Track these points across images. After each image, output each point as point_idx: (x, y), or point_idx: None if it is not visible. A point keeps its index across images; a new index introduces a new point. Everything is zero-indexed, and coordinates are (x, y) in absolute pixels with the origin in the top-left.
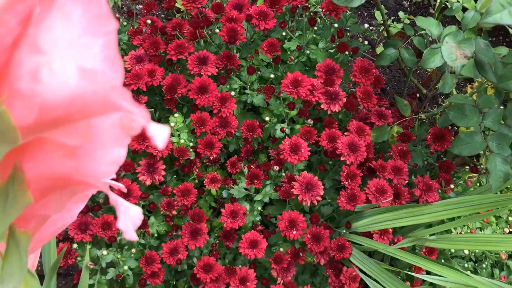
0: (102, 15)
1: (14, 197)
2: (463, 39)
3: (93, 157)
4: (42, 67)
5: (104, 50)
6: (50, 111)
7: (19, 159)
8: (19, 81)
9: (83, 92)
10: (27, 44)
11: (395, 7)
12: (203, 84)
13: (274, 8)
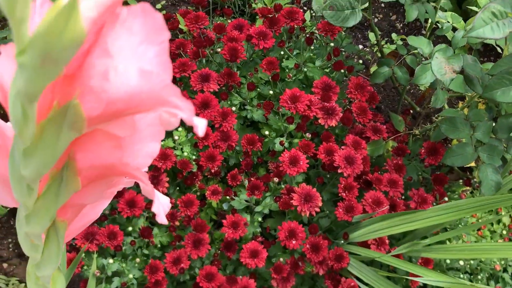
0: (157, 28)
1: (66, 183)
2: (452, 55)
3: (134, 150)
4: (110, 69)
5: (158, 56)
6: (114, 105)
7: (73, 150)
8: (91, 79)
9: (141, 89)
10: (99, 50)
11: (388, 29)
12: (205, 100)
13: (272, 28)
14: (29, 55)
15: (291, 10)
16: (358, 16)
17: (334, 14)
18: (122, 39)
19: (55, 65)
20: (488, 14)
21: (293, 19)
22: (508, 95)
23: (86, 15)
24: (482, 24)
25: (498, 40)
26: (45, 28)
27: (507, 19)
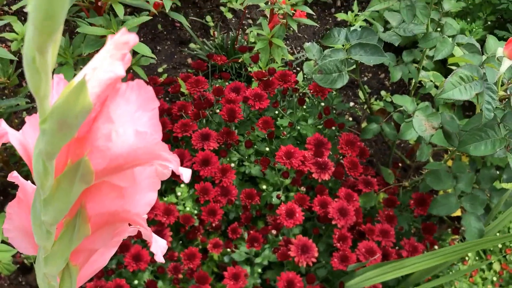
0: (149, 98)
1: (79, 228)
2: (431, 113)
3: (134, 199)
4: (113, 131)
5: (150, 120)
6: (116, 160)
7: (84, 200)
8: (97, 140)
9: (138, 146)
10: (104, 117)
11: (378, 86)
12: (206, 157)
13: (267, 90)
14: (49, 122)
15: (284, 73)
16: (345, 79)
17: (323, 77)
18: (121, 107)
19: (70, 130)
20: (456, 78)
21: (286, 81)
22: (479, 149)
23: (92, 91)
24: (452, 87)
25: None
26: (62, 102)
27: (473, 82)
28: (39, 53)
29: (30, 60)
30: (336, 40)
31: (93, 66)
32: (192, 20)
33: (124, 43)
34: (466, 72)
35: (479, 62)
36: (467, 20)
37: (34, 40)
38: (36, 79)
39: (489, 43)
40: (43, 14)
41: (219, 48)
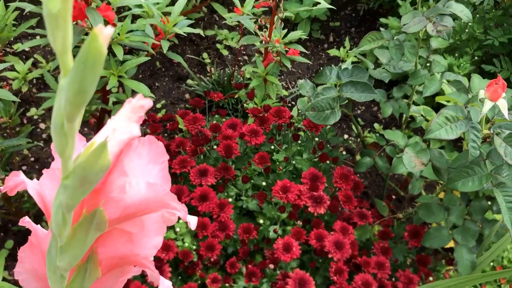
0: (160, 152)
1: (90, 272)
2: (420, 149)
3: (142, 243)
4: (126, 183)
5: (160, 172)
6: (129, 209)
7: (95, 245)
8: (112, 192)
9: (149, 197)
10: (118, 170)
11: (371, 119)
12: (204, 193)
13: (263, 126)
14: (71, 179)
15: (278, 109)
16: (337, 115)
17: (316, 115)
18: (134, 161)
19: (89, 185)
20: (442, 119)
21: (281, 117)
22: (467, 185)
23: (111, 151)
24: (438, 128)
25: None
26: (84, 161)
27: (459, 122)
28: (68, 121)
29: (58, 125)
30: (328, 78)
31: (112, 127)
32: (189, 57)
33: (140, 107)
34: (451, 112)
35: (465, 100)
36: (455, 56)
37: (65, 110)
38: (62, 143)
39: (474, 82)
40: (76, 90)
41: (216, 84)
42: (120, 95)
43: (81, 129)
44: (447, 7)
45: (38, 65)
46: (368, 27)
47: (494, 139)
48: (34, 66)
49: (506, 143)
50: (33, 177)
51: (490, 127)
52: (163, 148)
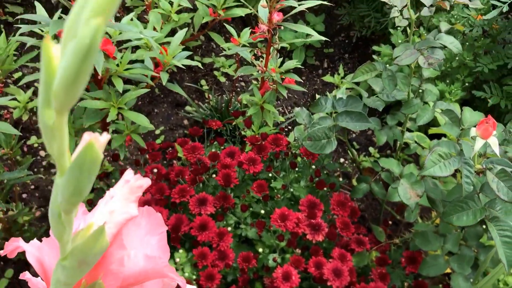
0: (158, 223)
1: None
2: (415, 181)
3: None
4: (125, 256)
5: (159, 243)
6: (127, 280)
7: None
8: (111, 265)
9: (147, 268)
10: (117, 244)
11: (366, 143)
12: (203, 222)
13: (260, 154)
14: (69, 260)
15: (276, 137)
16: (333, 144)
17: (313, 144)
18: (132, 232)
19: (87, 266)
20: (436, 156)
21: (278, 145)
22: (462, 219)
23: (109, 232)
24: (432, 165)
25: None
26: (82, 244)
27: (452, 158)
28: (65, 214)
29: (56, 215)
30: (323, 108)
31: (110, 209)
32: (187, 85)
33: (138, 187)
34: (444, 149)
35: (457, 133)
36: (446, 82)
37: (62, 205)
38: (60, 230)
39: (465, 115)
40: (72, 191)
41: (214, 110)
42: (120, 125)
43: None
44: (438, 39)
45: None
46: (361, 53)
47: (486, 174)
48: (35, 95)
49: (499, 178)
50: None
51: (482, 161)
52: (161, 219)
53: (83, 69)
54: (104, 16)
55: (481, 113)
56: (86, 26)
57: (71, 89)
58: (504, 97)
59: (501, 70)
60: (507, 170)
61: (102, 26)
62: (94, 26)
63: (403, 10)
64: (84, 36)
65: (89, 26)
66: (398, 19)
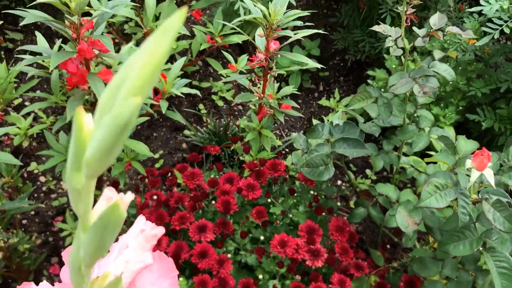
0: (170, 268)
1: None
2: (413, 208)
3: None
4: None
5: (170, 286)
6: None
7: None
8: None
9: None
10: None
11: (362, 164)
12: (203, 249)
13: (259, 180)
14: None
15: (274, 162)
16: (331, 171)
17: (311, 171)
18: (145, 275)
19: None
20: (432, 187)
21: (276, 170)
22: (458, 249)
23: (125, 281)
24: (428, 196)
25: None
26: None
27: (448, 189)
28: (86, 267)
29: (76, 268)
30: (320, 134)
31: (126, 258)
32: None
33: (153, 236)
34: (440, 180)
35: (452, 162)
36: (441, 106)
37: (84, 260)
38: (79, 281)
39: (460, 143)
40: (96, 247)
41: (212, 134)
42: (120, 153)
43: None
44: (431, 67)
45: (39, 120)
46: (356, 76)
47: (482, 205)
48: (35, 120)
49: (494, 208)
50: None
51: (478, 191)
52: (172, 264)
53: (118, 142)
54: (141, 96)
55: (475, 141)
56: (125, 104)
57: (105, 159)
58: (498, 120)
59: (494, 93)
60: (502, 200)
61: (140, 105)
62: (133, 105)
63: (397, 39)
64: (122, 113)
65: (128, 104)
66: (392, 49)
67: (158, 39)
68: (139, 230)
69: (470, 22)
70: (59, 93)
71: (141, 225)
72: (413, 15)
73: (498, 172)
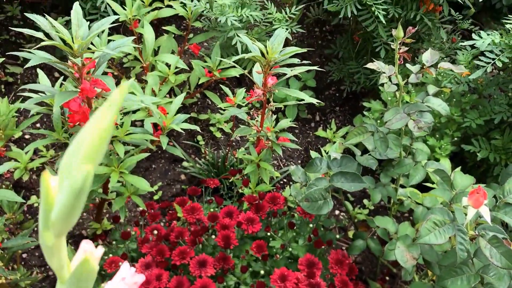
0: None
1: None
2: (410, 243)
3: None
4: None
5: None
6: None
7: None
8: None
9: None
10: None
11: (360, 195)
12: (204, 284)
13: (259, 213)
14: None
15: (273, 196)
16: (330, 205)
17: (310, 205)
18: None
19: None
20: (430, 224)
21: (276, 203)
22: (456, 284)
23: None
24: (427, 233)
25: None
26: None
27: (446, 226)
28: None
29: None
30: (318, 168)
31: None
32: (183, 142)
33: (134, 283)
34: (438, 217)
35: (449, 197)
36: (436, 137)
37: None
38: None
39: (456, 179)
40: None
41: (211, 165)
42: (120, 188)
43: (80, 214)
44: (426, 101)
45: (38, 153)
46: (352, 106)
47: (479, 241)
48: (34, 153)
49: (491, 244)
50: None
51: (475, 226)
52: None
53: (76, 205)
54: (93, 164)
55: (471, 176)
56: (78, 171)
57: (67, 220)
58: (493, 150)
59: (488, 124)
60: (498, 237)
61: (92, 172)
62: (85, 172)
63: (391, 76)
64: (76, 180)
65: (81, 172)
66: (387, 85)
67: (103, 112)
68: (120, 278)
69: (463, 55)
70: (61, 130)
71: (123, 273)
72: (406, 54)
73: (494, 208)
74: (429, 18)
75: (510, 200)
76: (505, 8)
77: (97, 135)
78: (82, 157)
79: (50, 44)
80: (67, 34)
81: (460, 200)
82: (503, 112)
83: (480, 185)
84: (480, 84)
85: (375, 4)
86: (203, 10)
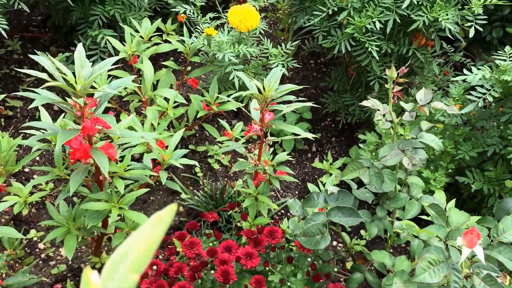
0: None
1: None
2: (408, 279)
3: None
4: None
5: None
6: None
7: None
8: None
9: None
10: None
11: (358, 225)
12: None
13: (257, 248)
14: None
15: (271, 230)
16: (327, 240)
17: (307, 240)
18: None
19: None
20: (426, 263)
21: (274, 237)
22: None
23: None
24: (422, 272)
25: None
26: None
27: (441, 265)
28: None
29: None
30: (316, 203)
31: None
32: (182, 174)
33: None
34: (433, 256)
35: (444, 234)
36: (431, 169)
37: None
38: None
39: (451, 216)
40: None
41: (209, 197)
42: (120, 223)
43: (79, 248)
44: (419, 137)
45: (38, 186)
46: (348, 136)
47: (474, 279)
48: (34, 187)
49: (485, 283)
50: None
51: (470, 265)
52: None
53: None
54: (139, 273)
55: (466, 213)
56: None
57: None
58: (486, 182)
59: (481, 156)
60: (492, 275)
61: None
62: (132, 281)
63: (386, 114)
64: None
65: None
66: (381, 122)
67: (152, 228)
68: None
69: (455, 88)
70: (62, 167)
71: None
72: (400, 93)
73: (488, 247)
74: (421, 52)
75: (504, 239)
76: (495, 40)
77: (144, 248)
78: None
79: (54, 85)
80: (70, 75)
81: (455, 237)
82: (495, 144)
83: (474, 225)
84: (473, 117)
85: (368, 41)
86: (201, 46)
